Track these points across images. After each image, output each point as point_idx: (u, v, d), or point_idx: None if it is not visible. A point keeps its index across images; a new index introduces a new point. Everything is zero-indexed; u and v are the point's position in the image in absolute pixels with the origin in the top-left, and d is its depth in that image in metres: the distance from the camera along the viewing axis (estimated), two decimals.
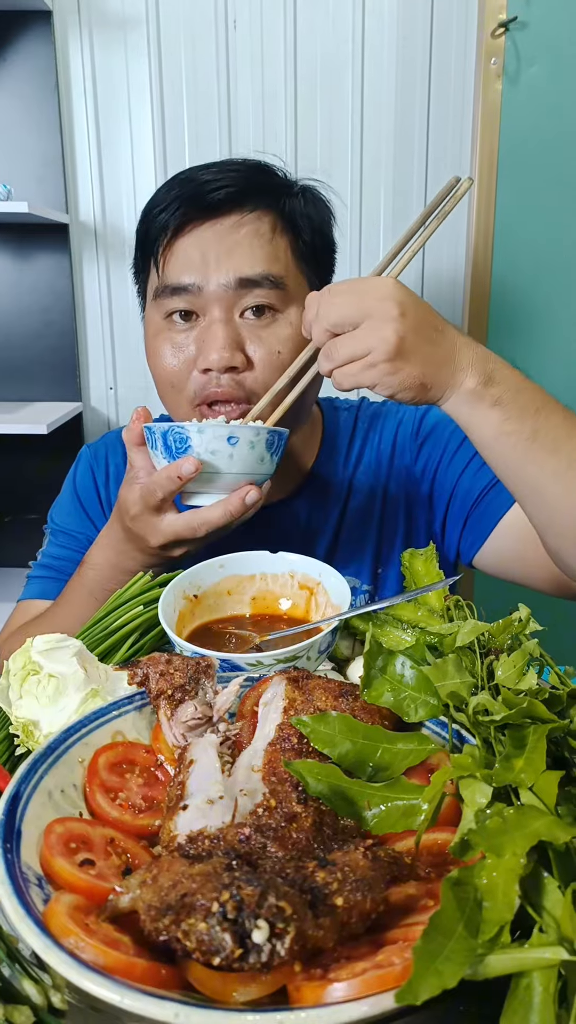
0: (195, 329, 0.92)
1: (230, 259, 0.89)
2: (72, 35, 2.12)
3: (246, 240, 0.90)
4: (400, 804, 0.47)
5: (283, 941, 0.35)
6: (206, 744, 0.53)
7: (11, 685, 0.63)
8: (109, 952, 0.37)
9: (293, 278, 0.93)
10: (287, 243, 0.94)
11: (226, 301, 0.90)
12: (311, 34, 2.12)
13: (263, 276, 0.90)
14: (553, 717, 0.49)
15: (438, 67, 2.14)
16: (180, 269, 0.91)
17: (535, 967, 0.35)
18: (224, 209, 0.90)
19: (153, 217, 0.94)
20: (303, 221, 0.95)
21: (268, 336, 0.91)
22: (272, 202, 0.93)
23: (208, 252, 0.90)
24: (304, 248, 0.96)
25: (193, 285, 0.90)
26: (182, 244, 0.91)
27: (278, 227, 0.93)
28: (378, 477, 1.10)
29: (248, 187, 0.92)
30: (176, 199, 0.92)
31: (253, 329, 0.91)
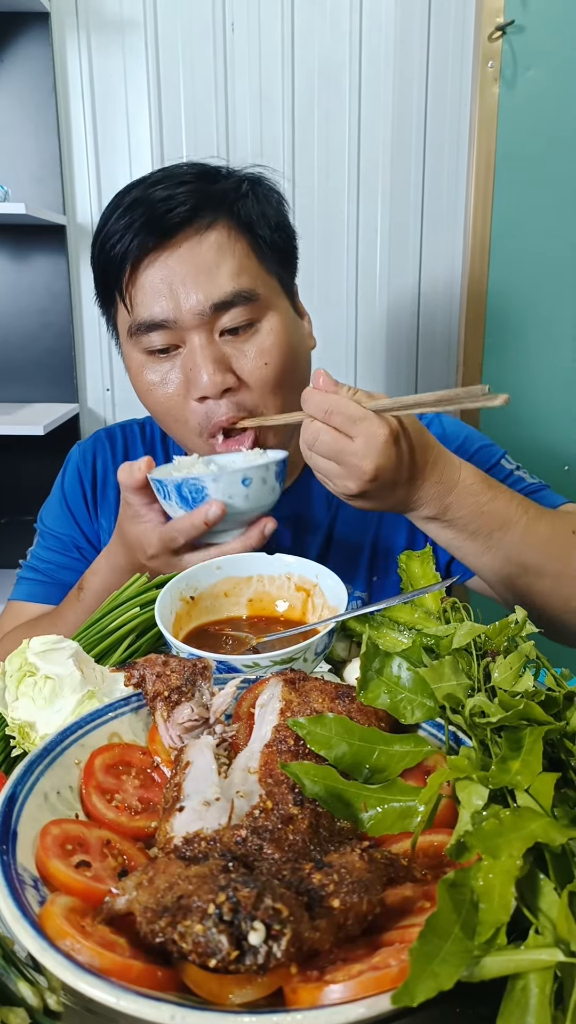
0: (178, 357, 0.91)
1: (198, 284, 0.88)
2: (70, 37, 2.12)
3: (209, 258, 0.89)
4: (396, 806, 0.47)
5: (279, 943, 0.35)
6: (202, 746, 0.53)
7: (7, 686, 0.63)
8: (105, 954, 0.37)
9: (263, 284, 0.92)
10: (247, 247, 0.92)
11: (203, 327, 0.89)
12: (309, 37, 2.13)
13: (235, 294, 0.88)
14: (549, 719, 0.49)
15: (435, 70, 2.15)
16: (150, 303, 0.89)
17: (531, 968, 0.35)
18: (180, 231, 0.89)
19: (110, 248, 0.91)
20: (259, 220, 0.93)
21: (251, 350, 0.91)
22: (225, 210, 0.91)
23: (174, 281, 0.88)
24: (265, 247, 0.94)
25: (168, 320, 0.89)
26: (147, 276, 0.89)
27: (234, 233, 0.91)
28: None
29: (200, 201, 0.89)
30: (130, 227, 0.89)
31: (236, 345, 0.90)
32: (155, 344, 0.91)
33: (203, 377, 0.88)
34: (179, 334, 0.90)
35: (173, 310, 0.88)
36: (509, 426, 2.40)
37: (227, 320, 0.89)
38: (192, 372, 0.89)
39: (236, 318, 0.89)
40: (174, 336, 0.90)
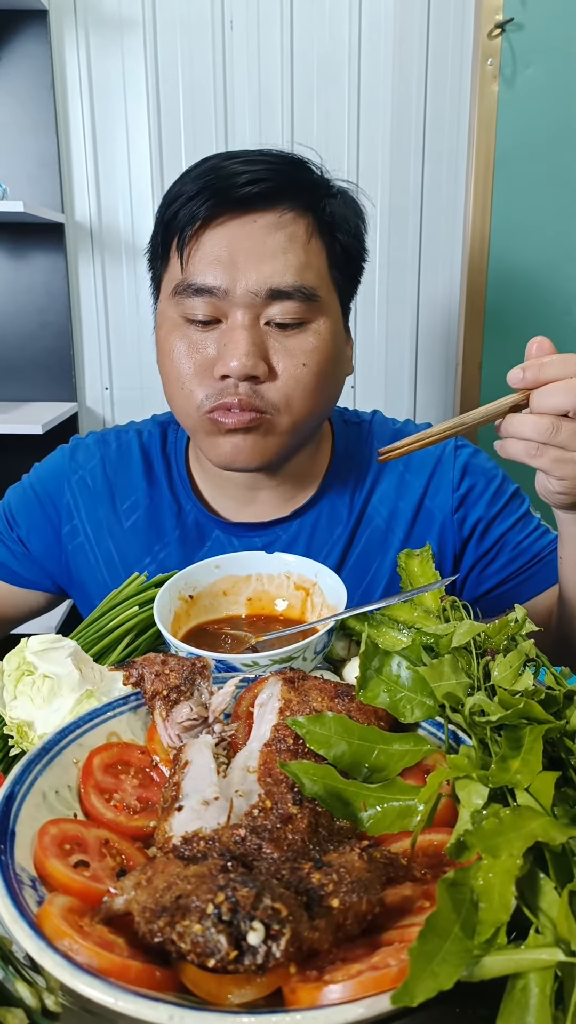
0: (215, 331, 0.85)
1: (261, 265, 0.82)
2: (68, 34, 2.11)
3: (280, 245, 0.83)
4: (396, 805, 0.47)
5: (278, 943, 0.34)
6: (201, 745, 0.53)
7: (5, 686, 0.63)
8: (103, 954, 0.36)
9: (325, 288, 0.87)
10: (322, 249, 0.87)
11: (252, 308, 0.83)
12: (308, 35, 2.12)
13: (296, 288, 0.83)
14: (549, 718, 0.48)
15: (434, 68, 2.15)
16: (206, 267, 0.83)
17: (531, 968, 0.35)
18: (258, 206, 0.83)
19: (179, 206, 0.85)
20: (341, 225, 0.89)
21: (294, 347, 0.85)
22: (310, 202, 0.86)
23: (238, 253, 0.83)
24: (339, 255, 0.89)
25: (219, 288, 0.83)
26: (210, 238, 0.84)
27: (314, 231, 0.86)
28: (399, 510, 1.01)
29: (284, 183, 0.84)
30: (205, 189, 0.84)
31: (278, 339, 0.85)
32: (196, 312, 0.84)
33: (234, 357, 0.82)
34: (224, 308, 0.84)
35: (228, 281, 0.83)
36: None
37: (278, 312, 0.84)
38: (226, 349, 0.83)
39: (288, 313, 0.84)
40: (218, 309, 0.84)
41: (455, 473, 1.01)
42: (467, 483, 1.01)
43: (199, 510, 1.00)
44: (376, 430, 1.07)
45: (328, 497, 1.01)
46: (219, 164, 0.85)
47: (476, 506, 1.01)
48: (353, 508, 1.01)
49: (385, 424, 1.09)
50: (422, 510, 1.01)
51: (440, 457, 1.02)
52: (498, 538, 1.01)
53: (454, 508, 1.01)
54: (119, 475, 1.02)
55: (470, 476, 1.01)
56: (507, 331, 2.31)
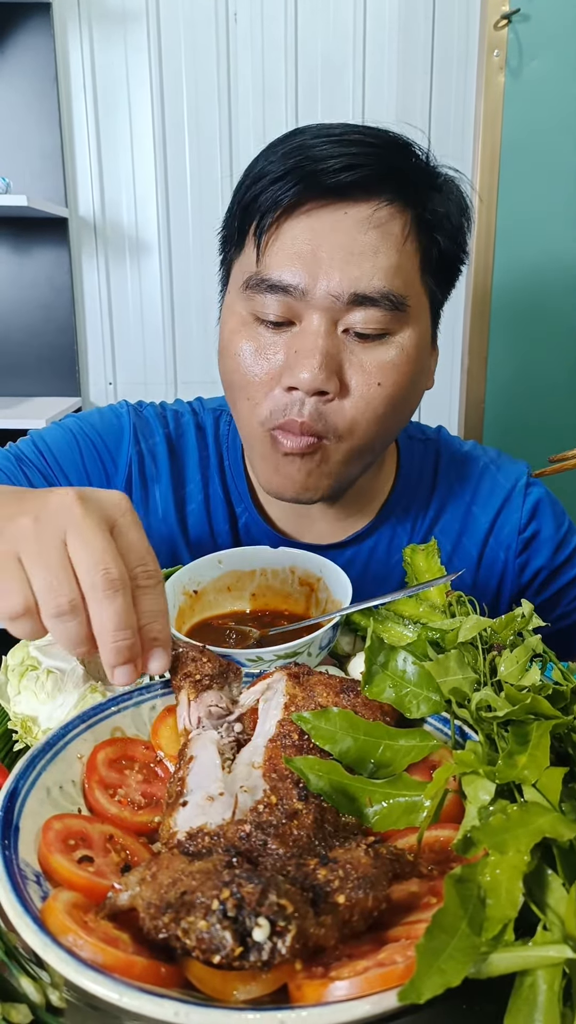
0: (287, 334, 0.76)
1: (348, 266, 0.73)
2: (71, 27, 2.11)
3: (372, 244, 0.74)
4: (402, 801, 0.47)
5: (284, 939, 0.34)
6: (206, 740, 0.52)
7: (9, 681, 0.63)
8: (108, 950, 0.36)
9: (415, 296, 0.78)
10: (417, 251, 0.78)
11: (331, 313, 0.74)
12: (312, 26, 2.11)
13: (383, 295, 0.74)
14: (557, 713, 0.48)
15: (440, 59, 2.14)
16: (284, 261, 0.74)
17: (539, 965, 0.35)
18: (351, 195, 0.74)
19: (263, 187, 0.76)
20: (443, 225, 0.79)
21: (371, 362, 0.76)
22: (410, 197, 0.76)
23: (321, 248, 0.73)
24: (436, 258, 0.80)
25: (296, 288, 0.74)
26: (292, 228, 0.75)
27: (412, 231, 0.76)
28: (463, 548, 0.93)
29: (384, 172, 0.74)
30: (293, 171, 0.74)
31: (355, 350, 0.76)
32: (268, 312, 0.76)
33: (305, 369, 0.73)
34: (299, 310, 0.75)
35: (307, 280, 0.74)
36: (514, 417, 2.39)
37: (359, 319, 0.75)
38: (296, 357, 0.74)
39: (370, 322, 0.75)
40: (292, 310, 0.75)
41: (523, 513, 0.94)
42: (534, 526, 0.94)
43: (251, 516, 0.92)
44: (443, 451, 0.97)
45: (389, 523, 0.93)
46: (310, 142, 0.76)
47: (540, 553, 0.94)
48: (414, 538, 0.93)
49: (452, 444, 0.99)
50: (487, 550, 0.93)
51: (510, 493, 0.94)
52: (558, 591, 0.95)
53: (517, 551, 0.94)
54: (180, 459, 0.94)
55: (538, 519, 0.94)
56: (513, 325, 2.30)
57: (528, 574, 0.94)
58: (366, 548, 0.90)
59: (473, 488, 0.95)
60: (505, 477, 0.96)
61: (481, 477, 0.97)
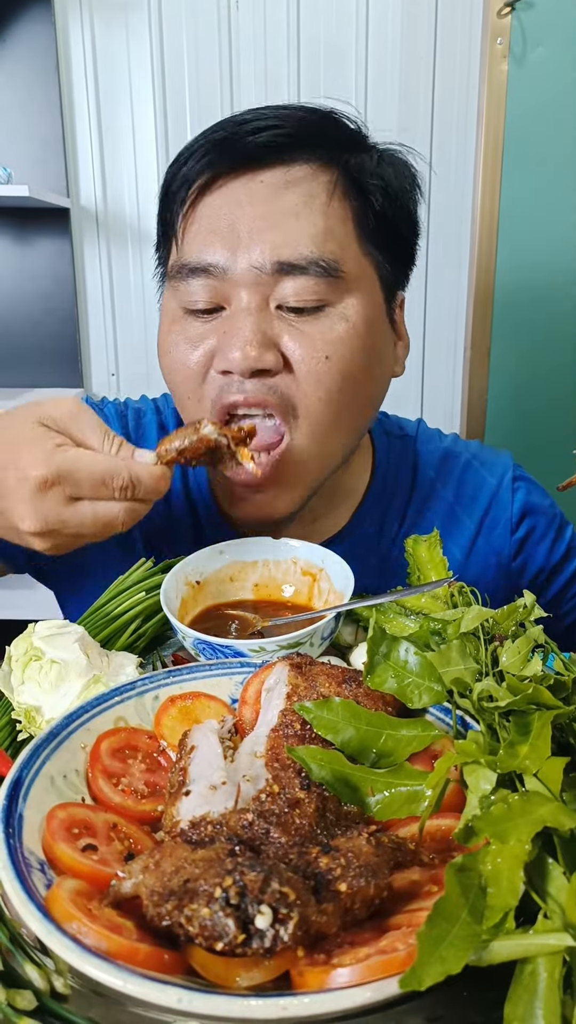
0: (217, 320, 0.71)
1: (267, 233, 0.68)
2: (73, 16, 2.09)
3: (291, 207, 0.68)
4: (404, 790, 0.47)
5: (286, 927, 0.34)
6: (207, 730, 0.53)
7: (13, 671, 0.63)
8: (112, 937, 0.37)
9: (353, 261, 0.71)
10: (349, 213, 0.71)
11: (259, 288, 0.69)
12: (314, 14, 2.09)
13: (311, 260, 0.68)
14: (558, 703, 0.48)
15: (443, 47, 2.12)
16: (202, 242, 0.70)
17: (540, 953, 0.35)
18: (267, 160, 0.69)
19: (174, 172, 0.73)
20: (374, 184, 0.73)
21: (314, 334, 0.70)
22: (333, 154, 0.70)
23: (239, 221, 0.68)
24: (372, 221, 0.73)
25: (216, 266, 0.69)
26: (207, 207, 0.71)
27: (338, 189, 0.70)
28: (447, 551, 0.82)
29: (302, 131, 0.69)
30: (204, 145, 0.70)
31: (294, 322, 0.70)
32: (196, 299, 0.71)
33: (235, 347, 0.67)
34: (226, 291, 0.70)
35: (227, 256, 0.69)
36: (516, 411, 2.38)
37: (290, 292, 0.68)
38: (226, 336, 0.69)
39: (302, 294, 0.69)
40: (219, 293, 0.70)
41: (513, 513, 0.88)
42: (527, 525, 0.89)
43: (214, 520, 0.87)
44: (421, 449, 0.91)
45: (364, 525, 0.87)
46: (230, 117, 0.72)
47: (536, 553, 0.90)
48: (394, 541, 0.87)
49: (431, 440, 0.93)
50: (473, 552, 0.88)
51: (496, 493, 0.89)
52: (560, 589, 0.91)
53: (512, 554, 0.89)
54: None
55: (530, 517, 0.89)
56: (515, 316, 2.29)
57: (528, 576, 0.90)
58: (341, 551, 0.81)
59: (455, 488, 0.89)
60: (489, 472, 0.90)
61: (463, 475, 0.90)
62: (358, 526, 0.87)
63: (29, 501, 0.58)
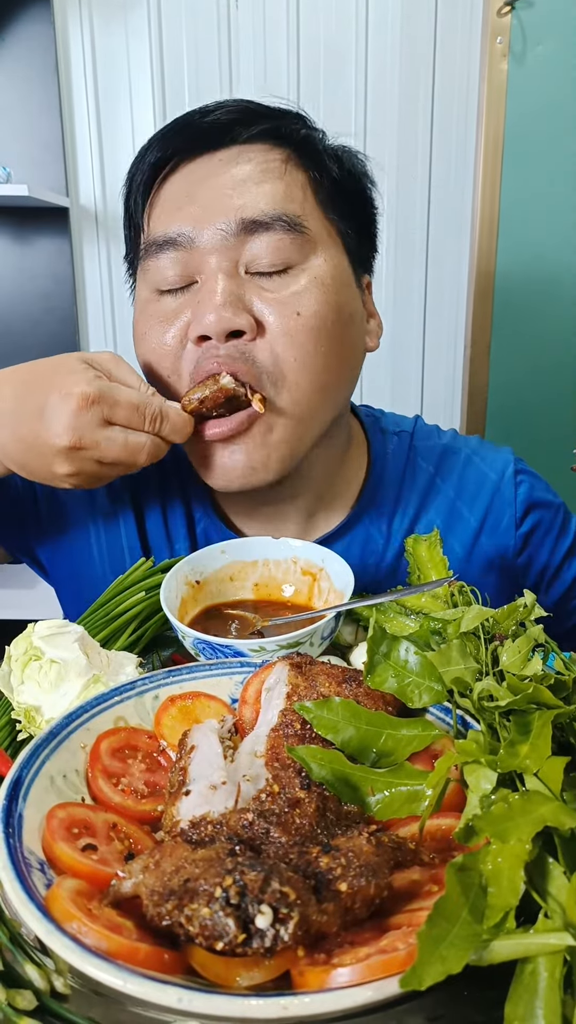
0: (189, 294, 0.73)
1: (229, 199, 0.70)
2: (72, 15, 2.09)
3: (249, 174, 0.71)
4: (404, 790, 0.47)
5: (287, 926, 0.34)
6: (207, 730, 0.53)
7: (13, 671, 0.63)
8: (112, 937, 0.37)
9: (315, 221, 0.74)
10: (304, 180, 0.74)
11: (227, 252, 0.71)
12: (314, 13, 2.09)
13: (274, 217, 0.70)
14: (559, 703, 0.48)
15: (443, 46, 2.12)
16: (167, 218, 0.73)
17: (540, 952, 0.35)
18: (222, 141, 0.73)
19: (135, 167, 0.78)
20: (326, 154, 0.77)
21: (283, 293, 0.71)
22: (282, 131, 0.74)
23: (200, 191, 0.72)
24: (330, 188, 0.76)
25: (183, 235, 0.71)
26: (168, 188, 0.74)
27: (291, 160, 0.74)
28: (449, 547, 0.86)
29: (253, 117, 0.73)
30: (160, 138, 0.75)
31: (263, 284, 0.72)
32: (166, 276, 0.73)
33: (209, 310, 0.69)
34: (196, 263, 0.72)
35: (192, 226, 0.71)
36: (517, 408, 2.38)
37: (259, 251, 0.70)
38: (200, 303, 0.70)
39: (270, 253, 0.70)
40: (189, 265, 0.72)
41: (517, 508, 0.88)
42: (531, 520, 0.88)
43: (210, 521, 0.88)
44: (419, 445, 0.91)
45: (362, 523, 0.87)
46: (183, 114, 0.77)
47: (541, 548, 0.89)
48: (392, 538, 0.87)
49: (430, 436, 0.93)
50: (476, 548, 0.87)
51: (498, 487, 0.88)
52: (569, 585, 0.91)
53: (517, 550, 0.88)
54: None
55: (535, 512, 0.88)
56: (515, 314, 2.29)
57: (533, 572, 0.89)
58: (338, 550, 0.80)
59: (456, 482, 0.89)
60: (490, 467, 0.90)
61: (464, 470, 0.90)
62: (357, 521, 0.87)
63: (69, 416, 0.65)
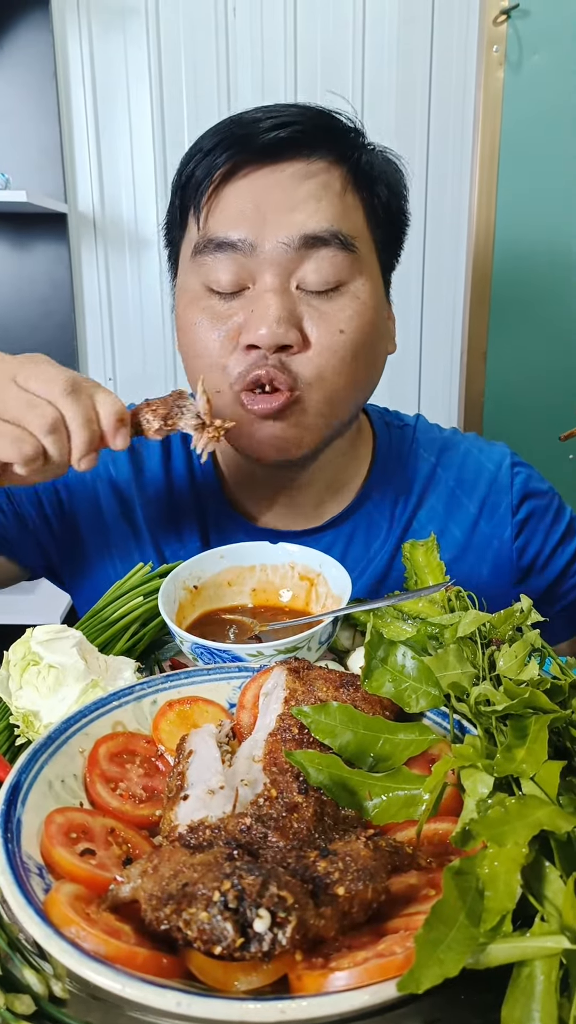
0: (240, 299, 0.76)
1: (292, 213, 0.74)
2: (71, 22, 2.10)
3: (313, 192, 0.75)
4: (401, 794, 0.47)
5: (285, 930, 0.35)
6: (205, 735, 0.53)
7: (11, 675, 0.63)
8: (110, 941, 0.37)
9: (364, 242, 0.79)
10: (358, 201, 0.79)
11: (284, 266, 0.75)
12: (312, 21, 2.10)
13: (332, 233, 0.75)
14: (555, 707, 0.48)
15: (439, 55, 2.13)
16: (229, 221, 0.75)
17: (537, 956, 0.35)
18: (285, 154, 0.75)
19: (196, 161, 0.78)
20: (380, 178, 0.81)
21: (331, 311, 0.76)
22: (344, 152, 0.78)
23: (265, 203, 0.74)
24: (379, 211, 0.81)
25: (244, 241, 0.75)
26: (232, 191, 0.76)
27: (350, 183, 0.78)
28: (450, 531, 0.92)
29: (315, 130, 0.76)
30: (225, 139, 0.76)
31: (313, 304, 0.76)
32: (220, 275, 0.76)
33: (264, 324, 0.73)
34: (251, 269, 0.75)
35: (254, 234, 0.74)
36: (513, 410, 2.39)
37: (312, 269, 0.75)
38: (253, 316, 0.74)
39: (324, 269, 0.75)
40: (244, 270, 0.76)
41: (513, 497, 0.93)
42: (526, 508, 0.93)
43: (222, 509, 0.92)
44: (421, 437, 0.97)
45: (366, 508, 0.92)
46: (240, 116, 0.79)
47: (537, 533, 0.93)
48: (395, 522, 0.91)
49: (430, 430, 0.99)
50: (475, 535, 0.92)
51: (495, 477, 0.93)
52: (562, 568, 0.94)
53: (514, 535, 0.93)
54: (139, 454, 0.94)
55: (530, 501, 0.93)
56: (512, 320, 2.30)
57: (528, 558, 0.93)
58: (344, 534, 0.88)
59: (456, 472, 0.94)
60: (488, 459, 0.95)
61: (464, 461, 0.95)
62: (360, 506, 0.91)
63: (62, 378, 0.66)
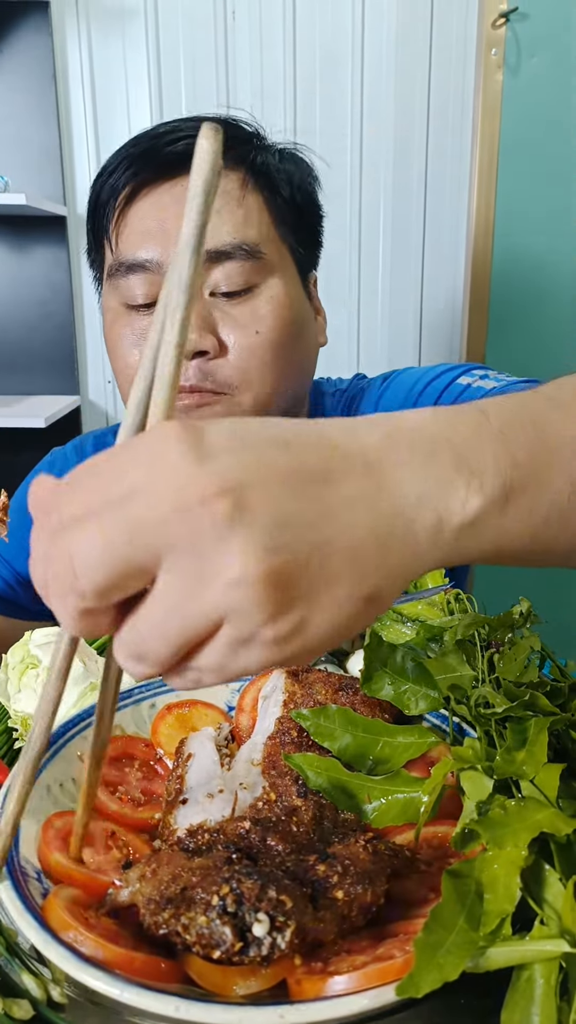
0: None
1: None
2: (70, 25, 2.10)
3: None
4: (400, 797, 0.47)
5: (283, 934, 0.34)
6: (203, 738, 0.53)
7: (9, 679, 0.63)
8: (108, 946, 0.36)
9: (271, 244, 0.81)
10: (260, 202, 0.81)
11: None
12: (311, 24, 2.11)
13: (235, 246, 0.77)
14: (555, 709, 0.48)
15: (438, 58, 2.13)
16: (136, 242, 0.78)
17: (536, 959, 0.35)
18: (183, 168, 0.77)
19: (101, 183, 0.82)
20: (279, 175, 0.83)
21: (244, 315, 0.78)
22: (240, 155, 0.80)
23: (167, 221, 0.77)
24: (283, 207, 0.83)
25: (151, 262, 0.77)
26: (136, 212, 0.79)
27: (248, 184, 0.80)
28: None
29: None
30: (125, 159, 0.80)
31: (226, 309, 0.78)
32: (135, 294, 0.79)
33: None
34: (163, 282, 0.79)
35: (160, 253, 0.77)
36: None
37: (221, 277, 0.77)
38: None
39: (233, 278, 0.77)
40: (157, 286, 0.78)
41: (440, 380, 0.90)
42: (438, 385, 0.90)
43: None
44: (359, 396, 0.96)
45: None
46: (140, 135, 0.82)
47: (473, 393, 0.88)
48: None
49: (370, 386, 0.97)
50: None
51: (418, 378, 0.92)
52: None
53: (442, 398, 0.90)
54: None
55: (437, 379, 0.91)
56: (511, 326, 2.30)
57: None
58: None
59: (357, 410, 0.94)
60: (409, 376, 0.93)
61: (364, 398, 0.95)
62: None
63: None
